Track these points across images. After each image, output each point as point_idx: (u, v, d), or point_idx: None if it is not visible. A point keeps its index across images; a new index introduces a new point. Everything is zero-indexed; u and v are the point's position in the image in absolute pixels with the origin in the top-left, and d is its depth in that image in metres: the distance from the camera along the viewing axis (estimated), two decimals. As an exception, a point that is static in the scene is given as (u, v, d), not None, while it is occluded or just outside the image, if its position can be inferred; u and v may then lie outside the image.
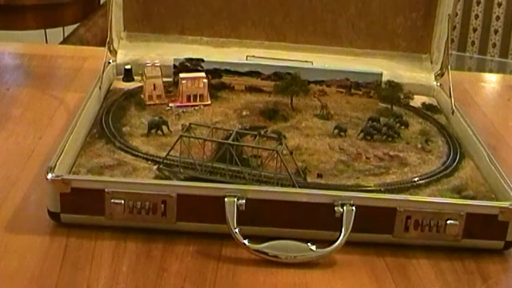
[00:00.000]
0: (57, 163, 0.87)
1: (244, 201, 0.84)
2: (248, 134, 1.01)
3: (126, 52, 1.22)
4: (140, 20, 1.25)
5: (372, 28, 1.25)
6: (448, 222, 0.86)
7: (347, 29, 1.25)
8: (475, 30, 3.91)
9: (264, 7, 1.24)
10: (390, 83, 1.18)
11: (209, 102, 1.14)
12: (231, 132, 0.97)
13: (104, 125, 1.03)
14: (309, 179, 0.93)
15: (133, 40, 1.24)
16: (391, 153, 1.02)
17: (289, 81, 1.16)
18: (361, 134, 1.06)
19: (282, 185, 0.91)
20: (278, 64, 1.19)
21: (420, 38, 1.26)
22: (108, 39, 1.20)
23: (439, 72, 1.24)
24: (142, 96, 1.13)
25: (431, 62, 1.25)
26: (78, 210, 0.86)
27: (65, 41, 2.22)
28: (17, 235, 0.86)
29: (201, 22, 1.25)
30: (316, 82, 1.18)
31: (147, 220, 0.86)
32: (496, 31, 3.87)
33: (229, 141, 0.94)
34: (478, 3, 3.86)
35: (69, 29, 2.36)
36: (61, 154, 0.89)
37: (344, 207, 0.84)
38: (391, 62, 1.25)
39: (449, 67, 1.22)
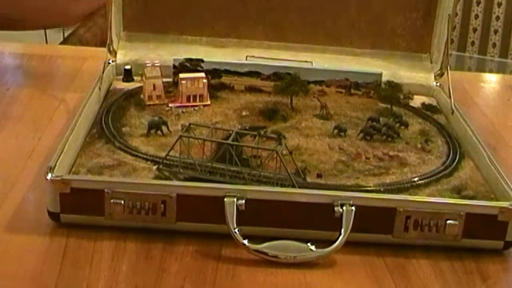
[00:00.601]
0: (57, 163, 0.87)
1: (243, 201, 0.84)
2: (247, 134, 1.01)
3: (126, 52, 1.22)
4: (140, 20, 1.24)
5: (372, 28, 1.25)
6: (448, 222, 0.86)
7: (347, 29, 1.25)
8: (475, 30, 3.92)
9: (264, 7, 1.24)
10: (389, 83, 1.18)
11: (208, 102, 1.14)
12: (230, 132, 0.97)
13: (104, 125, 1.03)
14: (308, 179, 0.93)
15: (132, 40, 1.24)
16: (391, 153, 1.02)
17: (288, 81, 1.16)
18: (361, 134, 1.06)
19: (281, 185, 0.91)
20: (278, 64, 1.19)
21: (420, 38, 1.25)
22: (108, 40, 1.20)
23: (439, 72, 1.24)
24: (141, 96, 1.13)
25: (431, 62, 1.25)
26: (77, 210, 0.86)
27: (65, 41, 2.22)
28: (17, 235, 0.85)
29: (201, 22, 1.25)
30: (315, 82, 1.18)
31: (147, 220, 0.86)
32: (496, 31, 3.87)
33: (229, 141, 0.94)
34: (478, 3, 3.87)
35: (69, 29, 2.36)
36: (61, 154, 0.89)
37: (344, 207, 0.84)
38: (391, 62, 1.25)
39: (449, 67, 1.22)
